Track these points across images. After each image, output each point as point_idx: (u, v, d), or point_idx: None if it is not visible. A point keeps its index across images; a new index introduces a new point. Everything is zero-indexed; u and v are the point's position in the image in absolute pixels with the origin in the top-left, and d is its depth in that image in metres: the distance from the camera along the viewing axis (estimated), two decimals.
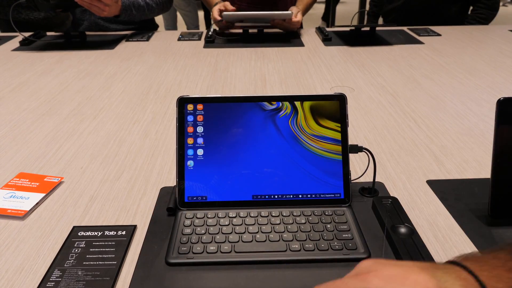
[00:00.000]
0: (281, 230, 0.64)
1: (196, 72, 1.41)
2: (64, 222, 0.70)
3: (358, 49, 1.64)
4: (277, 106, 0.69)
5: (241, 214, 0.67)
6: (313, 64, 1.47)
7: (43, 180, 0.81)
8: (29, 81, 1.34)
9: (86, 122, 1.06)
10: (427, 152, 0.90)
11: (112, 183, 0.81)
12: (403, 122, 1.04)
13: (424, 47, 1.66)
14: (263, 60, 1.52)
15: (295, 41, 1.75)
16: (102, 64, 1.49)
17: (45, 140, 0.97)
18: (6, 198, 0.75)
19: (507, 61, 1.47)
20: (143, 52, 1.63)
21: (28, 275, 0.59)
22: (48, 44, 1.73)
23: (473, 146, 0.93)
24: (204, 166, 0.69)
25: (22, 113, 1.11)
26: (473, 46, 1.65)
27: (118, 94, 1.23)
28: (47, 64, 1.49)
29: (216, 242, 0.62)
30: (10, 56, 1.58)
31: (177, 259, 0.60)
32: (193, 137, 0.69)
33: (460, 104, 1.13)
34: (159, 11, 1.92)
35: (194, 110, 0.69)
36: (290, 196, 0.69)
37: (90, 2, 1.56)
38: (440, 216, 0.71)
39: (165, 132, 1.00)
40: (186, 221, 0.66)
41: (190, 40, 1.78)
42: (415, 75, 1.35)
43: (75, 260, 0.60)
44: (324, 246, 0.61)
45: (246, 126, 0.69)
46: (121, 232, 0.66)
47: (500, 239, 0.65)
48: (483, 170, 0.84)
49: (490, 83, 1.28)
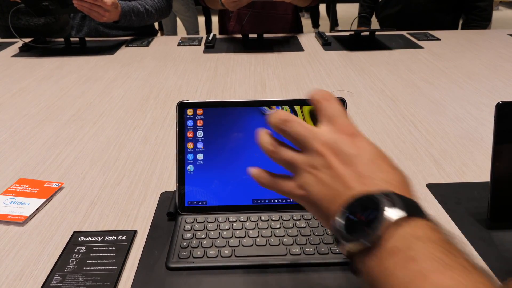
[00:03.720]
0: (281, 234, 0.64)
1: (196, 77, 1.41)
2: (64, 227, 0.70)
3: (357, 53, 1.64)
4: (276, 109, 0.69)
5: (241, 219, 0.67)
6: (313, 68, 1.47)
7: (43, 185, 0.81)
8: (29, 87, 1.34)
9: (86, 127, 1.06)
10: (427, 156, 0.90)
11: (112, 188, 0.81)
12: (403, 126, 1.04)
13: (424, 51, 1.66)
14: (263, 65, 1.52)
15: (294, 46, 1.75)
16: (102, 70, 1.50)
17: (45, 145, 0.97)
18: (6, 204, 0.75)
19: (506, 65, 1.48)
20: (143, 58, 1.63)
21: (29, 281, 0.59)
22: (48, 50, 1.74)
23: (472, 149, 0.93)
24: (204, 170, 0.69)
25: (22, 119, 1.11)
26: (472, 51, 1.66)
27: (118, 100, 1.23)
28: (47, 70, 1.49)
29: (217, 247, 0.62)
30: (10, 62, 1.59)
31: (178, 263, 0.60)
32: (193, 141, 0.69)
33: (459, 108, 1.14)
34: (158, 17, 1.93)
35: (194, 115, 0.69)
36: (290, 200, 0.69)
37: (90, 7, 1.56)
38: (440, 219, 0.71)
39: (165, 137, 1.01)
40: (186, 225, 0.66)
41: (190, 45, 1.79)
42: (415, 80, 1.36)
43: (76, 265, 0.60)
44: (325, 250, 0.61)
45: (246, 131, 0.69)
46: (121, 237, 0.66)
47: (500, 242, 0.65)
48: (483, 174, 0.84)
49: (489, 87, 1.28)
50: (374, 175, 0.38)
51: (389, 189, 0.36)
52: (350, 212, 0.36)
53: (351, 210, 0.36)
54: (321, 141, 0.40)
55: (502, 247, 0.64)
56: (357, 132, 0.41)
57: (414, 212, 0.35)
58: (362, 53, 1.64)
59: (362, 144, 0.40)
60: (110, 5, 1.60)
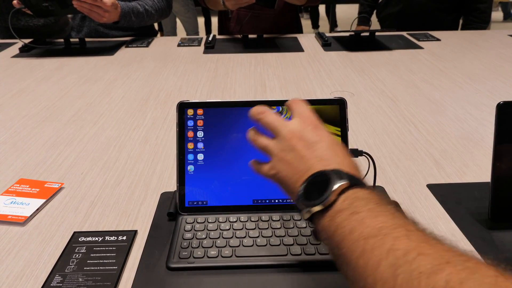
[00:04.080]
0: (282, 234, 0.64)
1: (196, 78, 1.41)
2: (65, 227, 0.70)
3: (357, 54, 1.64)
4: (277, 110, 0.69)
5: (241, 219, 0.67)
6: (313, 69, 1.47)
7: (44, 186, 0.81)
8: (29, 88, 1.34)
9: (86, 128, 1.06)
10: (427, 156, 0.90)
11: (113, 189, 0.81)
12: (403, 126, 1.04)
13: (424, 52, 1.66)
14: (263, 65, 1.52)
15: (294, 47, 1.75)
16: (102, 70, 1.49)
17: (45, 146, 0.97)
18: (6, 204, 0.75)
19: (506, 66, 1.48)
20: (143, 58, 1.63)
21: (29, 281, 0.59)
22: (48, 50, 1.74)
23: (473, 150, 0.93)
24: (204, 170, 0.69)
25: (22, 119, 1.11)
26: (473, 51, 1.66)
27: (118, 100, 1.23)
28: (47, 71, 1.49)
29: (217, 247, 0.62)
30: (10, 63, 1.59)
31: (178, 263, 0.60)
32: (193, 142, 0.69)
33: (459, 109, 1.14)
34: (158, 17, 1.93)
35: (194, 115, 0.69)
36: (290, 200, 0.69)
37: (90, 8, 1.56)
38: (441, 220, 0.71)
39: (165, 137, 1.01)
40: (187, 225, 0.66)
41: (190, 46, 1.79)
42: (415, 80, 1.36)
43: (76, 266, 0.60)
44: (325, 250, 0.61)
45: (246, 131, 0.69)
46: (121, 237, 0.66)
47: (500, 242, 0.65)
48: (483, 174, 0.84)
49: (490, 88, 1.28)
50: (330, 158, 0.48)
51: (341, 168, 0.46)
52: (309, 183, 0.46)
53: (310, 182, 0.46)
54: (289, 129, 0.51)
55: (502, 248, 0.64)
56: (319, 125, 0.52)
57: (356, 183, 0.45)
58: (362, 54, 1.64)
59: (322, 133, 0.50)
60: (110, 6, 1.60)
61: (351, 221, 0.41)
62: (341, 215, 0.42)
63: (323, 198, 0.44)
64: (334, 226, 0.42)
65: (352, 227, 0.41)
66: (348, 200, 0.43)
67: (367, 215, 0.41)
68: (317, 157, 0.48)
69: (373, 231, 0.39)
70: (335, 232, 0.42)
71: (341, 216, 0.42)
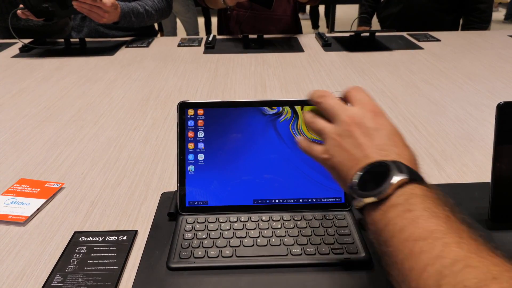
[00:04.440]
0: (282, 234, 0.64)
1: (196, 78, 1.41)
2: (65, 227, 0.70)
3: (357, 54, 1.64)
4: (277, 110, 0.69)
5: (242, 219, 0.67)
6: (313, 69, 1.47)
7: (44, 186, 0.81)
8: (29, 88, 1.34)
9: (86, 128, 1.06)
10: (427, 157, 0.90)
11: (113, 189, 0.81)
12: (403, 127, 1.04)
13: (424, 52, 1.66)
14: (263, 65, 1.52)
15: (295, 47, 1.75)
16: (102, 70, 1.50)
17: (46, 146, 0.97)
18: (7, 204, 0.75)
19: (506, 66, 1.48)
20: (143, 58, 1.63)
21: (30, 281, 0.59)
22: (48, 50, 1.74)
23: (473, 150, 0.93)
24: (205, 171, 0.69)
25: (22, 120, 1.11)
26: (473, 51, 1.66)
27: (119, 100, 1.23)
28: (47, 71, 1.49)
29: (217, 247, 0.62)
30: (10, 63, 1.59)
31: (179, 263, 0.60)
32: (193, 142, 0.69)
33: (460, 109, 1.14)
34: (158, 17, 1.93)
35: (195, 115, 0.69)
36: (291, 201, 0.69)
37: (90, 8, 1.56)
38: None
39: (166, 137, 1.01)
40: (187, 226, 0.66)
41: (190, 46, 1.79)
42: (415, 80, 1.36)
43: (76, 266, 0.60)
44: (325, 250, 0.61)
45: (247, 131, 0.69)
46: (122, 237, 0.66)
47: (500, 243, 0.65)
48: (483, 175, 0.84)
49: (490, 88, 1.28)
50: (389, 148, 0.46)
51: (400, 160, 0.44)
52: (365, 173, 0.44)
53: (367, 171, 0.44)
54: (348, 114, 0.49)
55: (503, 248, 0.64)
56: (380, 112, 0.50)
57: (416, 179, 0.43)
58: (362, 54, 1.64)
59: (382, 121, 0.49)
60: (110, 6, 1.60)
61: (403, 218, 0.40)
62: (394, 211, 0.41)
63: (380, 190, 0.42)
64: (385, 221, 0.41)
65: (403, 225, 0.39)
66: (404, 195, 0.42)
67: (420, 215, 0.39)
68: (375, 145, 0.46)
69: (424, 233, 0.38)
70: (385, 228, 0.41)
71: (394, 211, 0.41)
